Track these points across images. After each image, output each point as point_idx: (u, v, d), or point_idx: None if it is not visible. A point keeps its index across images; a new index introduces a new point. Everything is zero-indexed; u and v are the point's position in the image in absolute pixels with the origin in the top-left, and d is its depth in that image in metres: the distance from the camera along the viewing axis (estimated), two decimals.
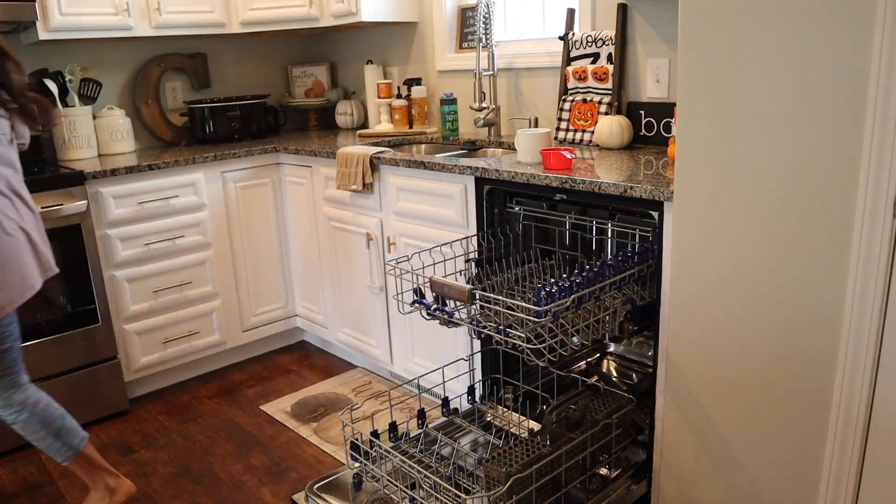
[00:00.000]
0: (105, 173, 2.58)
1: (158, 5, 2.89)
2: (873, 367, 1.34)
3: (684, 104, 1.53)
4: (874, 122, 1.24)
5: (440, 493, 1.64)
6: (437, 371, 2.44)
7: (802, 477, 1.49)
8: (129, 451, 2.48)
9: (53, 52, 2.99)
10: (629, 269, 1.76)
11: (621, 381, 2.40)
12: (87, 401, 2.64)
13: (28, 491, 2.27)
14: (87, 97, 3.01)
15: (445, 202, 2.30)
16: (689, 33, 1.49)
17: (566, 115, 2.55)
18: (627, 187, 1.73)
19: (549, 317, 1.56)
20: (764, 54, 1.37)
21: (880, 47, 1.21)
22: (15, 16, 2.51)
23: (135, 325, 2.75)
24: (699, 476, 1.70)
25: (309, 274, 3.07)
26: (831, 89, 1.29)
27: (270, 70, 3.66)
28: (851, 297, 1.34)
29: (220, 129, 3.23)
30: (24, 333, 2.47)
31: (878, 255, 1.29)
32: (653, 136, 2.38)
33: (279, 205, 3.10)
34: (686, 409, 1.69)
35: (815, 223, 1.37)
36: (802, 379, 1.45)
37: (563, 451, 1.68)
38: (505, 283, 2.06)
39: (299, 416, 2.65)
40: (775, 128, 1.39)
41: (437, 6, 3.06)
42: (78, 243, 2.54)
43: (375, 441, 1.80)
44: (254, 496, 2.18)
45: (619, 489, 1.84)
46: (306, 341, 3.39)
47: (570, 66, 2.54)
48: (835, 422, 1.41)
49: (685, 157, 1.55)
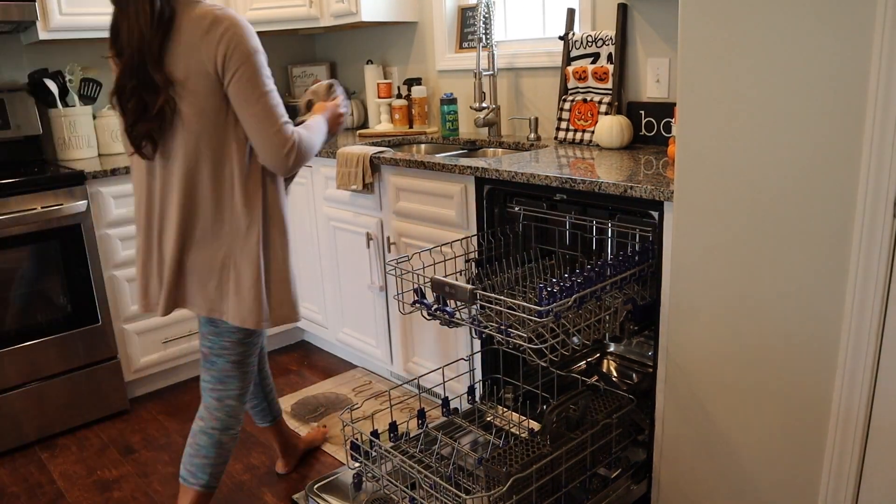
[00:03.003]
0: (105, 173, 2.58)
1: None
2: (873, 367, 1.34)
3: (684, 104, 1.53)
4: (874, 121, 1.24)
5: (440, 493, 1.64)
6: (437, 371, 2.44)
7: (802, 477, 1.50)
8: (129, 451, 2.48)
9: (53, 52, 2.99)
10: (630, 269, 1.77)
11: (621, 381, 2.41)
12: (87, 401, 2.64)
13: (28, 491, 2.27)
14: (87, 97, 3.01)
15: (445, 202, 2.30)
16: (688, 33, 1.49)
17: (566, 115, 2.55)
18: (627, 187, 1.73)
19: (551, 317, 1.57)
20: (764, 54, 1.38)
21: (880, 47, 1.21)
22: (15, 16, 2.51)
23: (135, 325, 2.75)
24: (699, 476, 1.70)
25: (309, 274, 3.07)
26: (831, 89, 1.30)
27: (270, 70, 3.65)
28: (851, 297, 1.34)
29: None
30: (25, 333, 2.48)
31: (878, 255, 1.29)
32: (653, 136, 2.38)
33: None
34: (686, 409, 1.69)
35: (815, 223, 1.37)
36: (803, 379, 1.45)
37: (563, 451, 1.68)
38: (505, 283, 2.06)
39: (299, 416, 2.65)
40: (775, 128, 1.39)
41: (437, 6, 3.06)
42: (78, 243, 2.54)
43: (375, 441, 1.80)
44: (254, 496, 2.18)
45: (619, 489, 1.84)
46: (306, 341, 3.39)
47: (570, 66, 2.54)
48: (835, 422, 1.42)
49: (685, 157, 1.56)
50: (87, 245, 2.56)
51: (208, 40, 1.56)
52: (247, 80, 1.59)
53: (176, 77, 1.58)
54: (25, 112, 2.85)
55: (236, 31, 1.57)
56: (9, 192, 2.39)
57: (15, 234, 2.41)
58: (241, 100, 1.60)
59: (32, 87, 2.88)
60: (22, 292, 2.46)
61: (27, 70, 2.94)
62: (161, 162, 1.69)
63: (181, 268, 1.72)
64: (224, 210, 1.69)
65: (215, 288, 1.72)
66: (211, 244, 1.70)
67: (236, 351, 1.82)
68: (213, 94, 1.60)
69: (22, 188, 2.42)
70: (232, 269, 1.71)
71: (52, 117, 2.91)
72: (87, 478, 2.32)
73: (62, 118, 2.89)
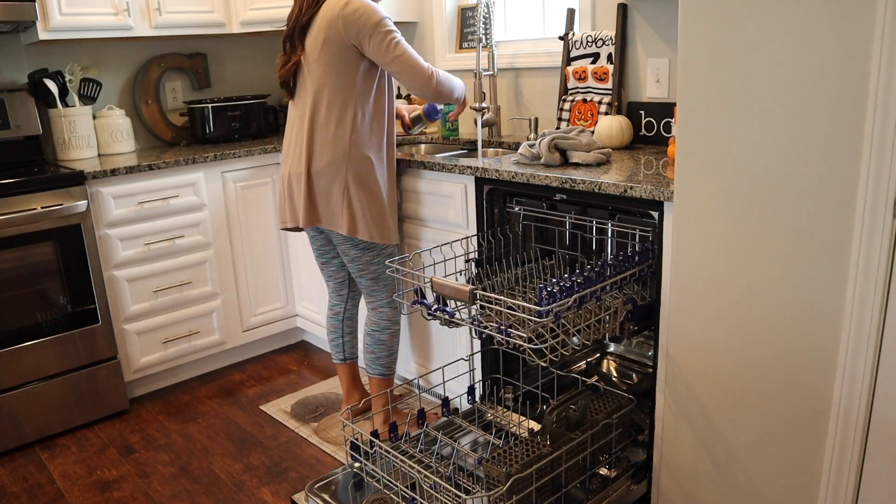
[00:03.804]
0: (105, 173, 2.58)
1: (158, 5, 2.89)
2: (873, 367, 1.34)
3: (684, 104, 1.53)
4: (874, 121, 1.24)
5: (440, 493, 1.64)
6: (437, 371, 2.44)
7: (802, 476, 1.50)
8: (129, 451, 2.48)
9: (53, 52, 2.99)
10: (630, 269, 1.77)
11: (621, 381, 2.40)
12: (87, 401, 2.64)
13: (28, 491, 2.27)
14: (87, 97, 3.01)
15: (445, 202, 2.30)
16: (688, 33, 1.49)
17: (566, 115, 2.55)
18: (627, 187, 1.73)
19: (551, 317, 1.56)
20: (764, 54, 1.38)
21: (880, 47, 1.21)
22: (15, 16, 2.51)
23: (135, 325, 2.75)
24: (699, 476, 1.70)
25: (309, 274, 3.07)
26: (831, 89, 1.30)
27: (270, 70, 3.66)
28: (851, 297, 1.34)
29: (220, 129, 3.23)
30: (25, 333, 2.48)
31: (878, 255, 1.29)
32: (653, 136, 2.38)
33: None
34: (686, 409, 1.69)
35: (815, 223, 1.37)
36: (802, 379, 1.45)
37: (563, 451, 1.68)
38: (505, 283, 2.06)
39: (299, 416, 2.65)
40: (775, 128, 1.39)
41: (437, 6, 3.06)
42: (78, 243, 2.54)
43: (375, 441, 1.80)
44: (254, 496, 2.19)
45: (619, 489, 1.84)
46: (306, 341, 3.39)
47: (570, 66, 2.54)
48: (835, 421, 1.42)
49: (685, 157, 1.56)
50: (87, 245, 2.56)
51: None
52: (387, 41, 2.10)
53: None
54: (25, 112, 2.85)
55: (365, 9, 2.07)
56: (9, 192, 2.39)
57: (15, 234, 2.41)
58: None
59: (32, 87, 2.88)
60: (22, 292, 2.46)
61: (27, 70, 2.94)
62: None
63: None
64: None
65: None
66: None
67: (370, 268, 2.28)
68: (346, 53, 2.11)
69: (22, 188, 2.42)
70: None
71: (52, 117, 2.91)
72: (86, 478, 2.33)
73: (62, 118, 2.89)
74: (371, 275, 2.29)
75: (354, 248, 2.23)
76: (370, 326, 2.35)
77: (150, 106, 3.26)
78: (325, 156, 2.14)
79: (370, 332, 2.35)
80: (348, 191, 2.16)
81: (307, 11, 2.13)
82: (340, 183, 2.15)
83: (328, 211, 2.19)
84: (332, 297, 2.50)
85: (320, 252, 2.41)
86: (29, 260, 2.45)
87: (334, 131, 2.13)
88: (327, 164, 2.14)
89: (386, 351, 2.35)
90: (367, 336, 2.36)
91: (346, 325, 2.50)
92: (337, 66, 2.10)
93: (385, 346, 2.35)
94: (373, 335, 2.35)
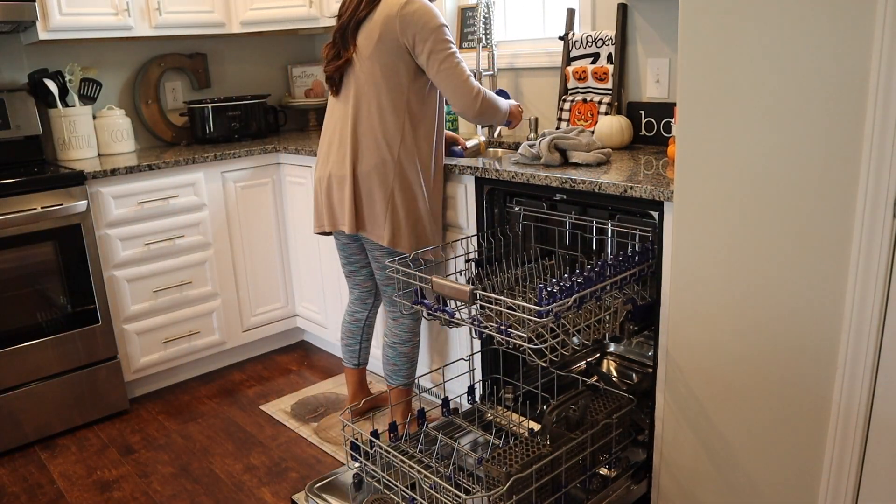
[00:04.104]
0: (105, 173, 2.58)
1: (158, 5, 2.89)
2: (873, 366, 1.34)
3: (684, 104, 1.53)
4: (874, 121, 1.24)
5: (440, 493, 1.64)
6: (437, 371, 2.44)
7: (802, 476, 1.50)
8: (129, 451, 2.48)
9: (53, 52, 2.99)
10: (630, 269, 1.77)
11: (621, 381, 2.40)
12: (87, 401, 2.64)
13: (28, 491, 2.27)
14: (87, 97, 3.01)
15: (446, 202, 2.30)
16: (688, 33, 1.49)
17: (566, 115, 2.55)
18: (627, 187, 1.73)
19: (551, 317, 1.56)
20: (764, 54, 1.38)
21: (880, 47, 1.21)
22: (15, 16, 2.51)
23: (135, 325, 2.75)
24: (699, 476, 1.70)
25: (309, 274, 3.07)
26: (831, 89, 1.30)
27: (270, 70, 3.66)
28: (851, 297, 1.34)
29: (220, 129, 3.23)
30: (25, 333, 2.48)
31: (878, 255, 1.29)
32: (653, 136, 2.38)
33: (279, 205, 3.10)
34: (686, 409, 1.69)
35: (815, 223, 1.37)
36: (803, 379, 1.45)
37: (563, 451, 1.68)
38: (505, 283, 2.06)
39: (299, 416, 2.65)
40: (775, 127, 1.39)
41: (437, 6, 3.06)
42: (78, 243, 2.54)
43: (375, 441, 1.80)
44: (254, 496, 2.19)
45: (619, 489, 1.84)
46: (306, 341, 3.39)
47: (570, 66, 2.54)
48: (835, 421, 1.42)
49: (685, 157, 1.55)
50: (87, 245, 2.56)
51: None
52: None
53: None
54: (25, 112, 2.85)
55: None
56: (9, 192, 2.39)
57: (15, 234, 2.41)
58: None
59: (32, 87, 2.88)
60: (22, 292, 2.46)
61: (27, 70, 2.94)
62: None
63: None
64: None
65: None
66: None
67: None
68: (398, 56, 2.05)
69: (22, 188, 2.42)
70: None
71: (52, 117, 2.91)
72: (86, 478, 2.33)
73: (62, 118, 2.89)
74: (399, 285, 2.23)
75: (388, 256, 2.16)
76: (392, 339, 2.28)
77: (150, 106, 3.26)
78: (372, 158, 2.06)
79: (392, 344, 2.28)
80: (393, 199, 2.08)
81: (366, 6, 2.04)
82: (385, 190, 2.07)
83: (371, 218, 2.11)
84: (354, 303, 2.43)
85: (350, 260, 2.33)
86: (29, 260, 2.45)
87: (381, 134, 2.05)
88: (373, 168, 2.06)
89: (409, 363, 2.30)
90: (389, 349, 2.29)
91: (366, 332, 2.46)
92: (389, 66, 2.02)
93: (408, 358, 2.30)
94: (395, 347, 2.28)
